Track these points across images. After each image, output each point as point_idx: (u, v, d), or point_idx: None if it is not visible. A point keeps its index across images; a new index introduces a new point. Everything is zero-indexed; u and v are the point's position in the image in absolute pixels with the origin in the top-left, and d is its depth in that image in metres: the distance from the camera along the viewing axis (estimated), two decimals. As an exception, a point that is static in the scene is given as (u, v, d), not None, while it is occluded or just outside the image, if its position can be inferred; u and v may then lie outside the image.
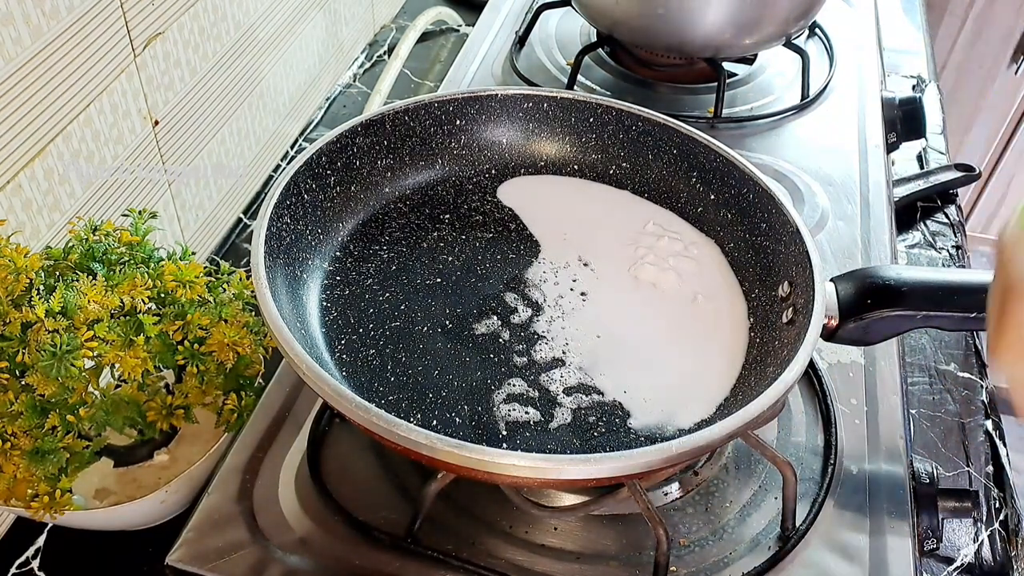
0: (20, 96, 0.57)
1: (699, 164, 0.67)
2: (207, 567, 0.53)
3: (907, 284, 0.56)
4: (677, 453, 0.46)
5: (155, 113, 0.72)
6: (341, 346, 0.57)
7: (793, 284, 0.58)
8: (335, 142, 0.63)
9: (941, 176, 0.96)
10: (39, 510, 0.52)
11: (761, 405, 0.47)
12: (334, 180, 0.64)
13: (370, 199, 0.67)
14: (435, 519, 0.54)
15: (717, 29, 0.86)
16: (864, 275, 0.58)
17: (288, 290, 0.57)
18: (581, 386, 0.57)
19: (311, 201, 0.62)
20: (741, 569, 0.54)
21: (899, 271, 0.58)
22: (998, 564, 0.64)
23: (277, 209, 0.58)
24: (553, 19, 1.04)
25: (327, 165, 0.63)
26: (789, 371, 0.49)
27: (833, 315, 0.56)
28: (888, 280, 0.56)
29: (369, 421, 0.45)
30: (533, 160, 0.72)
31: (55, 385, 0.50)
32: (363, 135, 0.65)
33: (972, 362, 0.79)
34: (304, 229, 0.61)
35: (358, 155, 0.65)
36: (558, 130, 0.71)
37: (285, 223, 0.59)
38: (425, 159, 0.69)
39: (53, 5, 0.58)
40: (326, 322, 0.59)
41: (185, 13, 0.72)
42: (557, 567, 0.54)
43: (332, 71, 1.05)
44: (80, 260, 0.56)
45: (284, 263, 0.58)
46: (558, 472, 0.45)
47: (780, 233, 0.61)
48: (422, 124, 0.68)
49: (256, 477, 0.57)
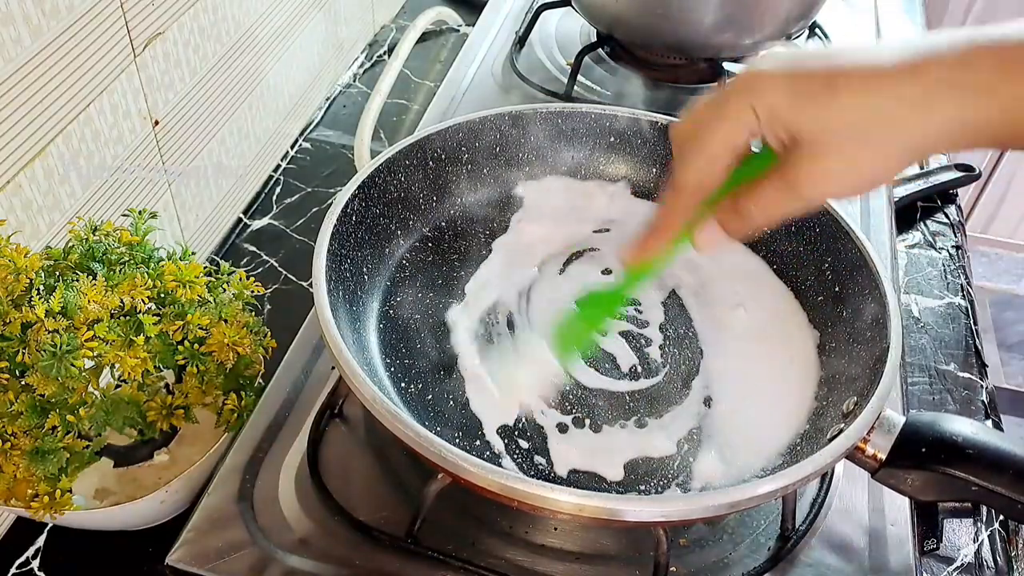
0: (20, 96, 0.57)
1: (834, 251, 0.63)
2: (207, 567, 0.53)
3: (975, 447, 0.49)
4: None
5: (155, 113, 0.72)
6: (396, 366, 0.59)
7: (859, 402, 0.52)
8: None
9: (941, 176, 0.96)
10: (39, 510, 0.52)
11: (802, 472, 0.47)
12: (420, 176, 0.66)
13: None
14: (435, 519, 0.54)
15: (717, 29, 0.86)
16: (930, 421, 0.51)
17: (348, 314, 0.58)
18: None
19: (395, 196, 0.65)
20: (741, 569, 0.54)
21: (973, 429, 0.50)
22: (998, 564, 0.64)
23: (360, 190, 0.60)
24: (553, 19, 1.04)
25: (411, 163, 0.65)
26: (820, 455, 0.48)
27: (882, 451, 0.50)
28: (953, 435, 0.49)
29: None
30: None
31: (55, 385, 0.50)
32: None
33: (972, 362, 0.79)
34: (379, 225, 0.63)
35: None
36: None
37: (362, 208, 0.61)
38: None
39: (53, 5, 0.58)
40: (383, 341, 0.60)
41: (185, 13, 0.72)
42: (557, 567, 0.54)
43: (332, 71, 1.05)
44: (80, 260, 0.56)
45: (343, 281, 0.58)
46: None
47: (874, 346, 0.55)
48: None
49: (256, 477, 0.57)
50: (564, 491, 0.45)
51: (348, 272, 0.60)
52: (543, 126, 0.70)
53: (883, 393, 0.50)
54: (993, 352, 1.96)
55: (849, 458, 0.51)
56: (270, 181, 0.94)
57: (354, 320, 0.59)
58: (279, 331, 0.63)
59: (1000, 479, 0.48)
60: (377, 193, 0.63)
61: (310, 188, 0.93)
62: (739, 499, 0.46)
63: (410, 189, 0.66)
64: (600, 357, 0.61)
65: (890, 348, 0.53)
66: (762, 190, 0.43)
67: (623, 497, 0.50)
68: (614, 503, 0.45)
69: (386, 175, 0.64)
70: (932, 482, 0.49)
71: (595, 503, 0.45)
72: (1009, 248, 2.14)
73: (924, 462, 0.49)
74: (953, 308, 0.84)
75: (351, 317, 0.58)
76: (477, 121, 0.68)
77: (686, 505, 0.47)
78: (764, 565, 0.54)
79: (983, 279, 2.10)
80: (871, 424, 0.49)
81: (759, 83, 0.42)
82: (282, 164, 0.96)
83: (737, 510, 0.48)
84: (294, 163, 0.96)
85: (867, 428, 0.49)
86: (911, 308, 0.84)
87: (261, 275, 0.83)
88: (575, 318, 0.58)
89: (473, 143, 0.68)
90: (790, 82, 0.41)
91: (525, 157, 0.70)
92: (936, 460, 0.49)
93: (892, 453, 0.50)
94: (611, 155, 0.71)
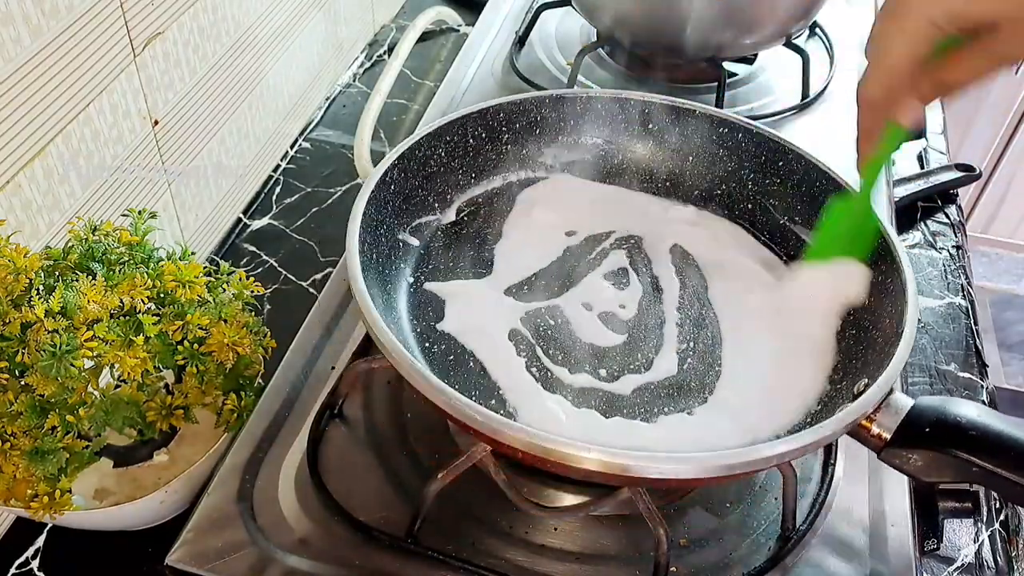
0: (20, 96, 0.57)
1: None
2: (207, 567, 0.53)
3: (978, 428, 0.49)
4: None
5: (155, 113, 0.72)
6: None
7: (868, 383, 0.52)
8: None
9: (941, 176, 0.96)
10: (39, 510, 0.52)
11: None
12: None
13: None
14: (435, 519, 0.54)
15: (717, 29, 0.86)
16: (936, 404, 0.51)
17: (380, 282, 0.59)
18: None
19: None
20: (741, 569, 0.54)
21: (978, 412, 0.50)
22: (998, 564, 0.64)
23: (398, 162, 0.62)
24: (553, 19, 1.04)
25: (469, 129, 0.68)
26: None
27: (887, 431, 0.51)
28: (958, 417, 0.50)
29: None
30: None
31: (55, 385, 0.50)
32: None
33: (972, 362, 0.79)
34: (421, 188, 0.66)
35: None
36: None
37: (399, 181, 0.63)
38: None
39: (53, 5, 0.58)
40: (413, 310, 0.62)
41: (185, 13, 0.72)
42: (557, 567, 0.54)
43: (332, 71, 1.05)
44: (80, 260, 0.56)
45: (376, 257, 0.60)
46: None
47: (891, 333, 0.55)
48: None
49: (256, 477, 0.57)
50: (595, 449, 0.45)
51: (383, 237, 0.61)
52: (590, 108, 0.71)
53: (892, 374, 0.50)
54: (993, 352, 1.96)
55: (855, 436, 0.51)
56: (270, 181, 0.94)
57: (384, 283, 0.60)
58: (279, 331, 0.63)
59: (1002, 461, 0.48)
60: (416, 165, 0.65)
61: (310, 188, 0.93)
62: (737, 461, 0.46)
63: (450, 164, 0.68)
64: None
65: (903, 333, 0.53)
66: (960, 59, 0.47)
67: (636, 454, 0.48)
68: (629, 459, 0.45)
69: (426, 149, 0.65)
70: (935, 462, 0.49)
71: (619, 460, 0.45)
72: (1009, 248, 2.14)
73: (927, 442, 0.49)
74: (953, 308, 0.84)
75: (382, 280, 0.60)
76: (519, 102, 0.69)
77: (687, 465, 0.47)
78: (764, 565, 0.54)
79: (983, 279, 2.10)
80: (877, 403, 0.50)
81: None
82: (282, 164, 0.96)
83: (734, 473, 0.48)
84: (294, 163, 0.96)
85: (872, 406, 0.49)
86: (911, 308, 0.84)
87: (261, 275, 0.83)
88: (829, 227, 0.61)
89: (513, 124, 0.70)
90: None
91: (564, 141, 0.72)
92: (939, 440, 0.49)
93: (897, 433, 0.50)
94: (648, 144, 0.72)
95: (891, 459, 0.51)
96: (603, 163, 0.73)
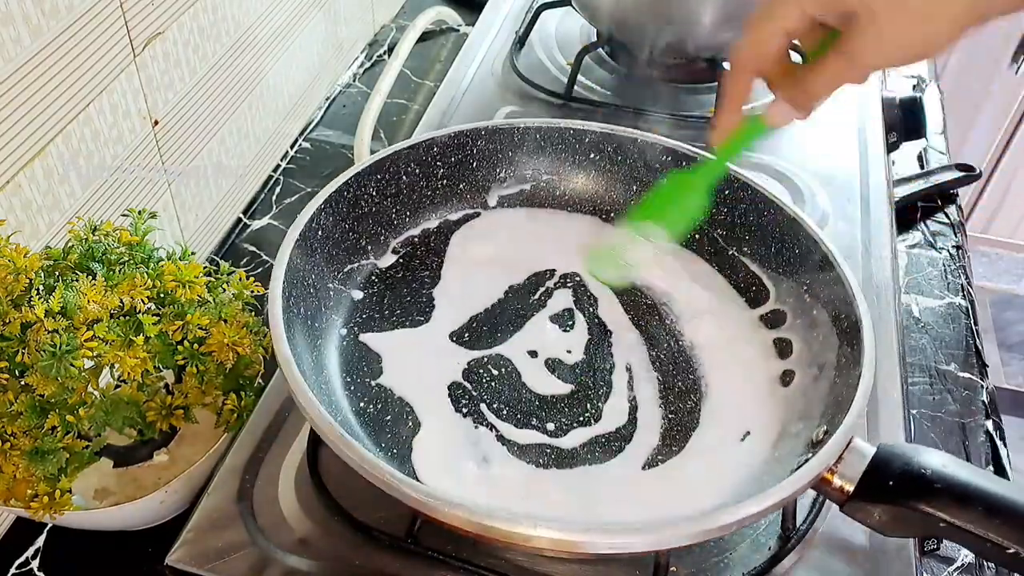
0: (20, 96, 0.57)
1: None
2: (207, 567, 0.53)
3: (943, 480, 0.46)
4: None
5: (155, 113, 0.72)
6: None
7: (829, 432, 0.50)
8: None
9: (941, 176, 0.96)
10: (39, 510, 0.52)
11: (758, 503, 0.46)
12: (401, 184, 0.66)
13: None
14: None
15: (717, 29, 0.86)
16: (900, 453, 0.49)
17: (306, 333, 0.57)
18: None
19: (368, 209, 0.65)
20: (741, 569, 0.54)
21: (943, 462, 0.47)
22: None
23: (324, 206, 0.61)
24: (553, 19, 1.04)
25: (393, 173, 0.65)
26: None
27: (849, 483, 0.48)
28: (922, 467, 0.47)
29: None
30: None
31: (55, 385, 0.50)
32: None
33: (972, 362, 0.79)
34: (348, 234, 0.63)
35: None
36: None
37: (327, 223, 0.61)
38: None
39: (53, 5, 0.58)
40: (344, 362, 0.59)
41: (185, 13, 0.72)
42: (557, 567, 0.54)
43: (332, 71, 1.05)
44: (80, 260, 0.56)
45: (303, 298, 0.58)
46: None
47: (850, 376, 0.53)
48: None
49: (256, 477, 0.57)
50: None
51: (312, 288, 0.59)
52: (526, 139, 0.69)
53: (850, 424, 0.48)
54: (993, 352, 1.96)
55: (816, 489, 0.49)
56: (270, 181, 0.94)
57: (315, 337, 0.58)
58: (279, 331, 0.63)
59: (968, 515, 0.45)
60: (346, 207, 0.62)
61: (310, 188, 0.93)
62: (693, 531, 0.45)
63: (382, 204, 0.65)
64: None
65: (861, 377, 0.51)
66: (823, 63, 0.49)
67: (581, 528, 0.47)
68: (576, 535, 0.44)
69: (355, 189, 0.63)
70: (900, 517, 0.47)
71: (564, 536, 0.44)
72: (1009, 248, 2.14)
73: (891, 496, 0.47)
74: (953, 308, 0.84)
75: (311, 335, 0.57)
76: (453, 135, 0.67)
77: (634, 538, 0.45)
78: (764, 565, 0.54)
79: (983, 279, 2.10)
80: (837, 455, 0.48)
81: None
82: (282, 164, 0.96)
83: (689, 542, 0.47)
84: (294, 163, 0.96)
85: (832, 459, 0.48)
86: (911, 308, 0.84)
87: (261, 275, 0.83)
88: (665, 193, 0.62)
89: (448, 158, 0.68)
90: None
91: (501, 175, 0.70)
92: (903, 494, 0.47)
93: (860, 485, 0.48)
94: (581, 173, 0.71)
95: (854, 513, 0.49)
96: (544, 195, 0.71)
